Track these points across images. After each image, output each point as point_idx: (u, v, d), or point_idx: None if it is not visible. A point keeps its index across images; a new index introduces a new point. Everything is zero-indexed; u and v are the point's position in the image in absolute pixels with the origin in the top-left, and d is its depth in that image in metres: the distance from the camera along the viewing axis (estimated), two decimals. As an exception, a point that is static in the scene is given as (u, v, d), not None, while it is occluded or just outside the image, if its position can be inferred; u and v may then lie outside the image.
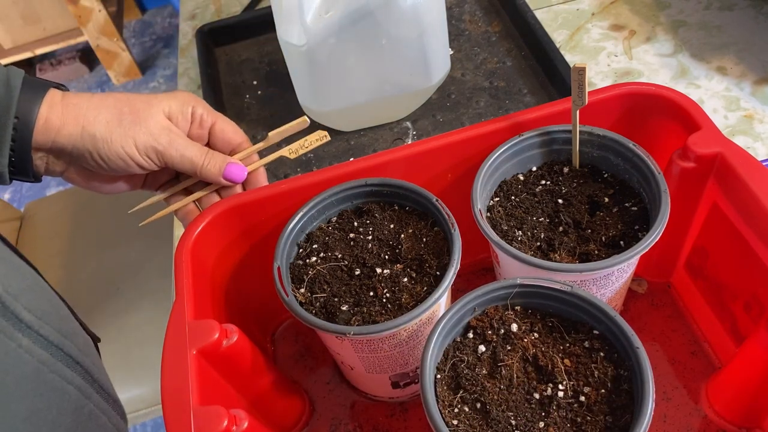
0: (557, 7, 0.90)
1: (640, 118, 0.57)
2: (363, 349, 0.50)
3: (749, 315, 0.52)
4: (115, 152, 0.50)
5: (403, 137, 0.78)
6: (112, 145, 0.50)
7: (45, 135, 0.49)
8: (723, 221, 0.51)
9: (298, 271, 0.53)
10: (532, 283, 0.45)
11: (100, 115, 0.50)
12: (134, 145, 0.50)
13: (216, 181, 0.55)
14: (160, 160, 0.52)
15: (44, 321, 0.44)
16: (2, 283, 0.41)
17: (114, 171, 0.52)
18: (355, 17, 0.67)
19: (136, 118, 0.50)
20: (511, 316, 0.46)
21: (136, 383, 1.02)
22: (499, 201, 0.55)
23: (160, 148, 0.51)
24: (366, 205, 0.56)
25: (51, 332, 0.44)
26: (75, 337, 0.48)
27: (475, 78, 0.82)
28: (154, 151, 0.51)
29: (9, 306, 0.41)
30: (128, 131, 0.50)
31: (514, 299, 0.46)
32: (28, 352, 0.42)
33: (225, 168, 0.54)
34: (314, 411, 0.60)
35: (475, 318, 0.46)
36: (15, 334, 0.41)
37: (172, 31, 2.65)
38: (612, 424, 0.41)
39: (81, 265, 1.16)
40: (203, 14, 1.04)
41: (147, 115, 0.51)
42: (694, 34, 0.82)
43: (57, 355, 0.44)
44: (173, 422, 0.42)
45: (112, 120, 0.50)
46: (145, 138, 0.50)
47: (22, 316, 0.42)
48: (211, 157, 0.54)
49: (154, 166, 0.53)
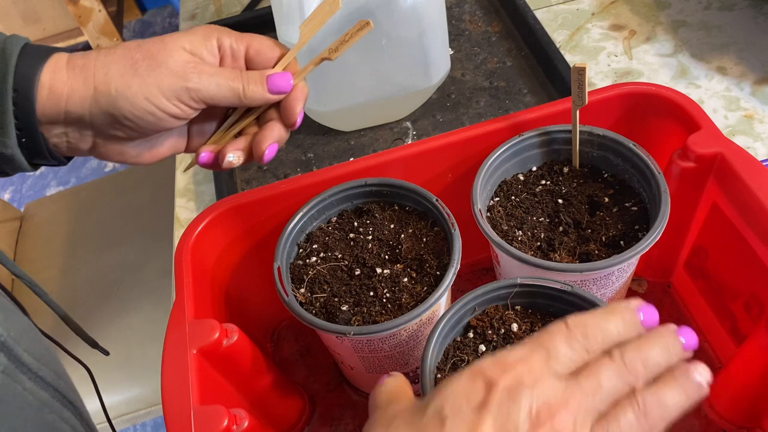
0: (557, 7, 0.90)
1: (640, 118, 0.57)
2: (363, 349, 0.50)
3: (749, 315, 0.52)
4: (140, 107, 0.43)
5: (403, 137, 0.78)
6: (134, 100, 0.42)
7: (54, 106, 0.42)
8: (723, 221, 0.51)
9: (298, 271, 0.53)
10: (532, 282, 0.45)
11: (110, 70, 0.43)
12: (159, 92, 0.43)
13: (264, 99, 0.46)
14: (195, 100, 0.44)
15: (41, 363, 0.43)
16: (4, 328, 0.40)
17: (146, 130, 0.45)
18: (355, 17, 0.67)
19: (153, 63, 0.43)
20: (512, 316, 0.46)
21: (136, 383, 1.02)
22: (499, 201, 0.55)
23: (192, 85, 0.43)
24: (366, 205, 0.56)
25: (48, 373, 0.44)
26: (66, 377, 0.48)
27: (475, 78, 0.82)
28: (185, 92, 0.43)
29: (12, 349, 0.40)
30: (148, 79, 0.42)
31: (514, 299, 0.46)
32: (31, 394, 0.41)
33: (267, 80, 0.46)
34: (314, 411, 0.60)
35: (475, 318, 0.46)
36: (20, 377, 0.40)
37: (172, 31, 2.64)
38: None
39: (81, 265, 1.16)
40: (203, 14, 1.04)
41: (165, 55, 0.43)
42: (694, 34, 0.82)
43: (55, 396, 0.44)
44: (173, 422, 0.42)
45: (125, 72, 0.42)
46: (170, 80, 0.43)
47: (24, 359, 0.41)
48: (248, 76, 0.46)
49: (190, 110, 0.45)
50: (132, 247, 1.16)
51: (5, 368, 0.39)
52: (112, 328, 1.06)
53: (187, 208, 0.78)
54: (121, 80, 0.42)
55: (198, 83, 0.43)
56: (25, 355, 0.41)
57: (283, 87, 0.46)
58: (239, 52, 0.47)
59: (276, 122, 0.47)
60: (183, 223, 0.76)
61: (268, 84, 0.46)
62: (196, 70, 0.44)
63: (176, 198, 0.80)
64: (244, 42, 0.47)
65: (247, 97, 0.46)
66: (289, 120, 0.47)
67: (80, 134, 0.45)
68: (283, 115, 0.47)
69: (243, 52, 0.47)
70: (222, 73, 0.45)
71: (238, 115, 0.49)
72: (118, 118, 0.43)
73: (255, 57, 0.47)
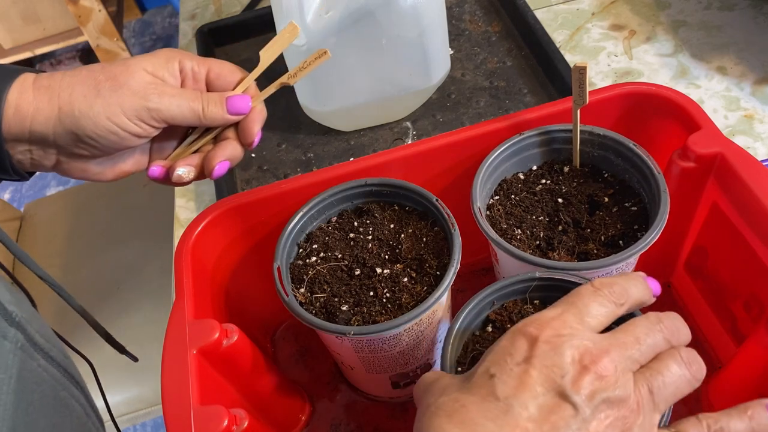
0: (557, 7, 0.90)
1: (640, 118, 0.57)
2: (363, 349, 0.50)
3: (749, 315, 0.52)
4: (102, 126, 0.44)
5: (403, 137, 0.78)
6: (97, 120, 0.44)
7: (19, 125, 0.44)
8: (723, 221, 0.51)
9: (298, 271, 0.53)
10: (550, 276, 0.45)
11: (74, 91, 0.44)
12: (121, 112, 0.44)
13: (223, 119, 0.48)
14: (155, 119, 0.46)
15: (51, 344, 0.45)
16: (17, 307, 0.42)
17: (109, 149, 0.46)
18: (356, 17, 0.67)
19: (115, 84, 0.44)
20: (530, 310, 0.46)
21: (136, 383, 1.02)
22: (499, 200, 0.55)
23: (152, 105, 0.45)
24: (366, 205, 0.56)
25: (57, 354, 0.45)
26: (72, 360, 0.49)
27: (475, 78, 0.82)
28: (146, 111, 0.45)
29: (26, 328, 0.42)
30: (110, 99, 0.44)
31: (532, 293, 0.46)
32: (45, 371, 0.43)
33: (226, 102, 0.48)
34: (314, 411, 0.60)
35: (494, 311, 0.46)
36: (34, 354, 0.42)
37: (172, 31, 2.65)
38: None
39: (81, 265, 1.16)
40: (203, 14, 1.04)
41: (127, 76, 0.45)
42: (694, 34, 0.82)
43: (65, 375, 0.45)
44: (173, 422, 0.42)
45: (88, 92, 0.44)
46: (132, 100, 0.44)
47: (36, 338, 0.42)
48: (208, 97, 0.47)
49: (151, 129, 0.46)
50: (132, 247, 1.16)
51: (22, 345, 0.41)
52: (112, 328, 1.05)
53: (187, 208, 0.78)
54: (84, 101, 0.44)
55: (158, 103, 0.45)
56: (36, 335, 0.43)
57: (241, 108, 0.48)
58: (200, 75, 0.49)
59: (231, 141, 0.49)
60: (183, 223, 0.77)
61: (227, 105, 0.48)
62: (157, 91, 0.45)
63: (176, 198, 0.80)
64: (206, 65, 0.49)
65: (206, 118, 0.47)
66: (247, 140, 0.49)
67: (44, 152, 0.46)
68: (241, 136, 0.49)
69: (204, 75, 0.49)
70: (183, 94, 0.46)
71: (197, 134, 0.50)
72: (81, 137, 0.45)
73: (215, 80, 0.49)
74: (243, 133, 0.49)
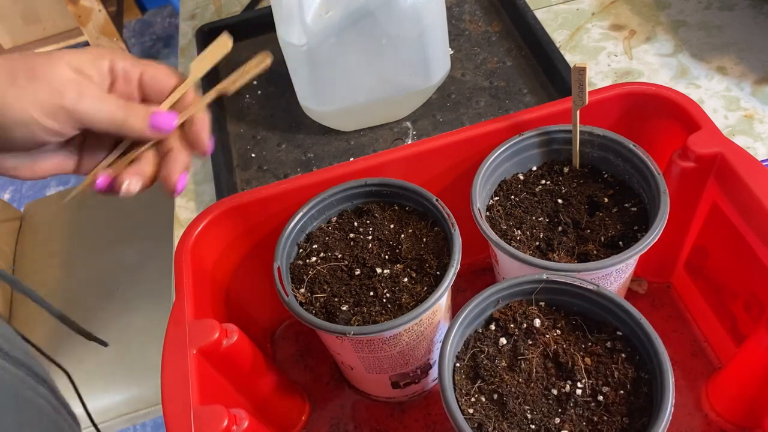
0: (557, 7, 0.90)
1: (640, 118, 0.57)
2: (363, 349, 0.50)
3: (749, 315, 0.52)
4: (12, 118, 0.41)
5: (403, 137, 0.78)
6: (7, 110, 0.40)
7: None
8: (723, 221, 0.51)
9: (298, 271, 0.53)
10: (558, 279, 0.45)
11: None
12: (34, 105, 0.41)
13: (143, 135, 0.45)
14: (71, 120, 0.42)
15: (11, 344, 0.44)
16: None
17: (22, 144, 0.43)
18: (356, 17, 0.67)
19: (32, 75, 0.41)
20: (535, 311, 0.46)
21: (136, 383, 1.02)
22: (499, 200, 0.55)
23: (68, 104, 0.41)
24: (366, 205, 0.56)
25: (18, 353, 0.44)
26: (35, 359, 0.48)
27: (475, 78, 0.82)
28: (61, 110, 0.41)
29: None
30: (25, 90, 0.41)
31: (539, 294, 0.46)
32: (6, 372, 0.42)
33: (150, 118, 0.44)
34: (314, 411, 0.60)
35: (498, 310, 0.46)
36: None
37: (172, 31, 2.65)
38: (629, 425, 0.41)
39: (80, 265, 1.16)
40: (203, 14, 1.04)
41: (47, 68, 0.41)
42: (694, 34, 0.82)
43: (29, 374, 0.45)
44: (173, 422, 0.42)
45: (3, 80, 0.41)
46: (47, 95, 0.41)
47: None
48: (132, 109, 0.44)
49: (67, 129, 0.43)
50: (132, 247, 1.16)
51: None
52: (112, 328, 1.06)
53: (187, 208, 0.78)
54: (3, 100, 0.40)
55: (75, 104, 0.41)
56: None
57: (164, 126, 0.45)
58: (132, 76, 0.45)
59: (178, 151, 0.46)
60: (183, 223, 0.76)
61: (150, 120, 0.44)
62: (76, 90, 0.42)
63: (176, 198, 0.80)
64: (140, 67, 0.45)
65: (124, 129, 0.44)
66: (199, 149, 0.47)
67: None
68: (192, 145, 0.47)
69: (137, 77, 0.45)
70: (105, 99, 0.43)
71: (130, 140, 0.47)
72: None
73: (149, 83, 0.46)
74: (193, 143, 0.46)
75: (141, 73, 0.45)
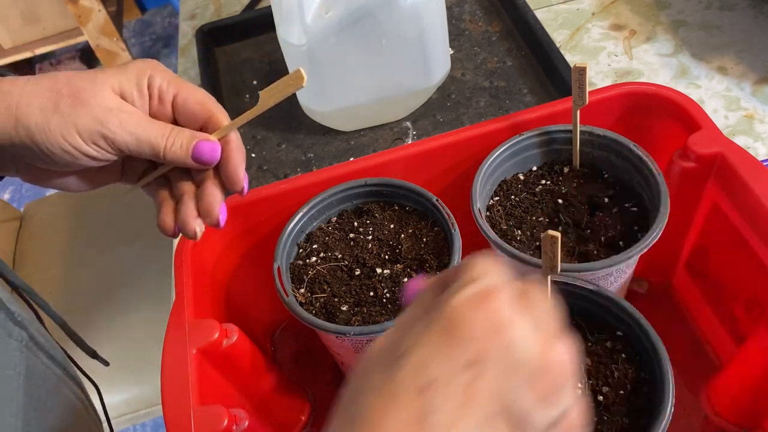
0: (557, 6, 0.90)
1: (640, 118, 0.57)
2: (363, 349, 0.50)
3: (749, 315, 0.52)
4: (56, 144, 0.41)
5: (403, 137, 0.78)
6: (50, 136, 0.41)
7: None
8: (723, 221, 0.51)
9: (298, 271, 0.53)
10: (558, 279, 0.45)
11: (33, 101, 0.41)
12: (76, 132, 0.41)
13: (185, 163, 0.43)
14: (112, 148, 0.42)
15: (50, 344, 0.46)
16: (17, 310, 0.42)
17: (65, 166, 0.43)
18: (356, 17, 0.67)
19: (75, 101, 0.41)
20: None
21: (136, 383, 1.02)
22: (499, 200, 0.55)
23: (109, 133, 0.41)
24: (366, 205, 0.56)
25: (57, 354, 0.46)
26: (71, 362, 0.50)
27: (475, 78, 0.82)
28: (102, 138, 0.41)
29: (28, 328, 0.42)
30: (68, 117, 0.41)
31: None
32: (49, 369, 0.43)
33: (193, 147, 0.43)
34: (314, 411, 0.60)
35: None
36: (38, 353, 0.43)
37: (172, 31, 2.65)
38: (629, 425, 0.41)
39: (81, 265, 1.16)
40: (203, 14, 1.04)
41: (90, 95, 0.41)
42: (694, 34, 0.82)
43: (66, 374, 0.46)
44: (173, 422, 0.42)
45: (47, 106, 0.41)
46: (89, 123, 0.41)
47: (37, 338, 0.43)
48: (176, 135, 0.43)
49: (110, 155, 0.43)
50: (132, 247, 1.16)
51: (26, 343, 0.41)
52: (112, 327, 1.06)
53: (187, 208, 0.78)
54: (41, 115, 0.41)
55: (115, 133, 0.41)
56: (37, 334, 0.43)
57: (206, 157, 0.43)
58: (167, 96, 0.44)
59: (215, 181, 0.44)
60: (183, 223, 0.76)
61: (193, 151, 0.43)
62: (118, 119, 0.41)
63: (176, 198, 0.80)
64: (174, 87, 0.44)
65: (167, 158, 0.43)
66: (234, 187, 0.44)
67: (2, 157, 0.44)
68: (228, 183, 0.44)
69: (170, 97, 0.44)
70: (147, 127, 0.42)
71: None
72: (36, 150, 0.42)
73: (180, 107, 0.44)
74: (228, 179, 0.44)
75: (175, 94, 0.44)
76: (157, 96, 0.43)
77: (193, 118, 0.44)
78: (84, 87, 0.41)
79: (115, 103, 0.42)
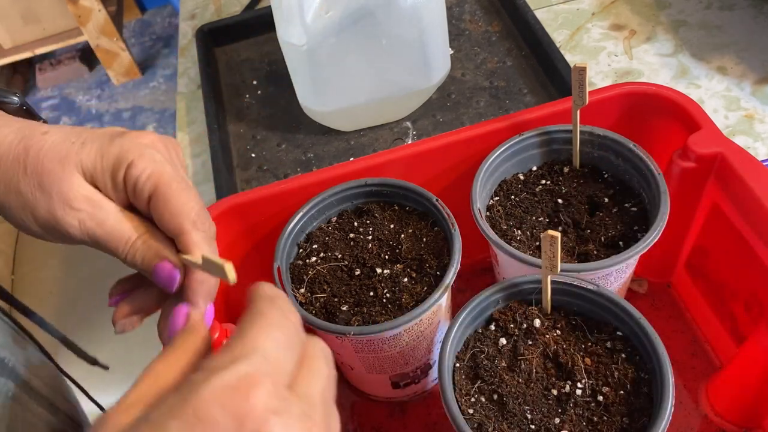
0: (557, 6, 0.90)
1: (640, 118, 0.57)
2: (363, 349, 0.50)
3: (749, 315, 0.52)
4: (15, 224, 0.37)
5: (403, 137, 0.78)
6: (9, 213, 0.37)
7: None
8: (723, 221, 0.51)
9: (298, 271, 0.53)
10: (558, 279, 0.45)
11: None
12: (33, 220, 0.37)
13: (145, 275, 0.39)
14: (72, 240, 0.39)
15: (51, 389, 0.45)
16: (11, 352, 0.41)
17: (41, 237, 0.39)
18: (356, 17, 0.67)
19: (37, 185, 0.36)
20: (535, 312, 0.46)
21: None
22: (499, 200, 0.55)
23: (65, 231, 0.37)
24: (366, 205, 0.56)
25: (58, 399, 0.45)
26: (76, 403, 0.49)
27: (475, 78, 0.82)
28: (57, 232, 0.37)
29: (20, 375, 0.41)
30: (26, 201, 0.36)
31: (539, 294, 0.46)
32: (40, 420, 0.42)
33: (154, 269, 0.38)
34: (314, 411, 0.60)
35: (498, 310, 0.46)
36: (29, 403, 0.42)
37: (172, 30, 2.65)
38: (628, 425, 0.41)
39: (81, 265, 1.16)
40: (203, 14, 1.04)
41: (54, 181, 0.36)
42: (694, 33, 0.82)
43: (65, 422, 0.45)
44: (173, 422, 0.42)
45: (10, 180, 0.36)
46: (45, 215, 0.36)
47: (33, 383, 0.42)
48: (138, 246, 0.38)
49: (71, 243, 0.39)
50: (132, 247, 1.16)
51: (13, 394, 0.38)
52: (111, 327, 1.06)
53: (187, 208, 0.78)
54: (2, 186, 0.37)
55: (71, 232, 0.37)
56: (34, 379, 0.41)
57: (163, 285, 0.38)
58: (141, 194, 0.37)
59: None
60: (183, 223, 0.76)
61: (153, 272, 0.38)
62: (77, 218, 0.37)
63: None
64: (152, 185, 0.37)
65: (128, 264, 0.40)
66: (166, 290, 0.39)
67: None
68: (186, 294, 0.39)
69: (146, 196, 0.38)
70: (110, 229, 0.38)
71: None
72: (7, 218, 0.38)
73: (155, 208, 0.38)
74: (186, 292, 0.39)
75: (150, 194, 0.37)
76: (132, 190, 0.38)
77: (164, 227, 0.38)
78: (50, 169, 0.36)
79: (80, 194, 0.37)
